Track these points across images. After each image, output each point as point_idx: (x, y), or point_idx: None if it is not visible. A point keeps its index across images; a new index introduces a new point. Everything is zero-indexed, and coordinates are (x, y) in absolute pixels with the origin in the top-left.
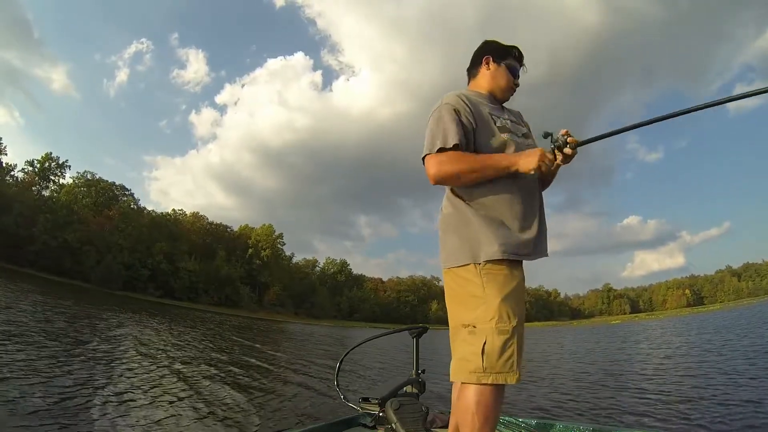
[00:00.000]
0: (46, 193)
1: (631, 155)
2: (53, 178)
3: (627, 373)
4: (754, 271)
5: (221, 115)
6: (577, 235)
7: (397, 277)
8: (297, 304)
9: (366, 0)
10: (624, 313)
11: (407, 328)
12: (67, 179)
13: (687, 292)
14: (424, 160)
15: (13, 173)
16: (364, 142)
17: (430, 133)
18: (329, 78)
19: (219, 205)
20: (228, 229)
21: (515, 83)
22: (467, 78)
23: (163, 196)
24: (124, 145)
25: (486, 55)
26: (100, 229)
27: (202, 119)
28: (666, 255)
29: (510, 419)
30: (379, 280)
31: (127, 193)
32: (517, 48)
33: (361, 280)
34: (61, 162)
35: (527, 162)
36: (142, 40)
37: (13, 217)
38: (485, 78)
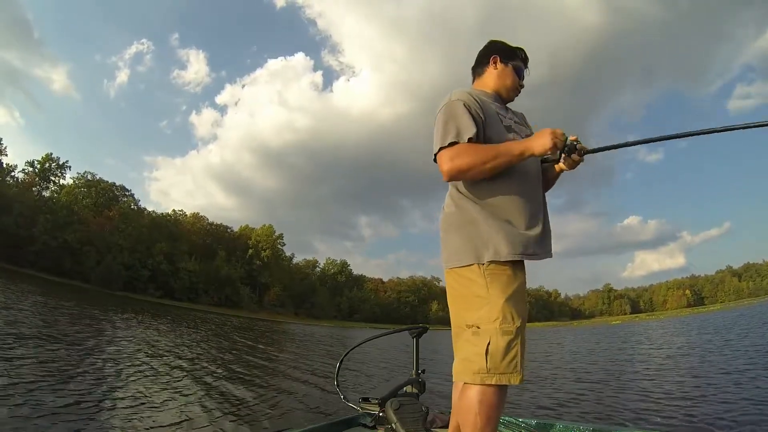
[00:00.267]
0: (46, 193)
1: (632, 155)
2: (53, 178)
3: (627, 373)
4: (754, 272)
5: (222, 115)
6: (578, 236)
7: (398, 277)
8: (297, 304)
9: (366, 0)
10: (624, 314)
11: (407, 328)
12: (67, 180)
13: (687, 292)
14: (435, 157)
15: (13, 174)
16: (365, 143)
17: (442, 128)
18: (330, 78)
19: (219, 205)
20: (228, 230)
21: (520, 84)
22: (472, 76)
23: (164, 197)
24: (125, 146)
25: (493, 54)
26: (100, 230)
27: (203, 120)
28: (666, 255)
29: (510, 419)
30: (380, 280)
31: (127, 193)
32: (523, 50)
33: (361, 280)
34: (61, 162)
35: (541, 143)
36: (143, 40)
37: (13, 217)
38: (492, 77)
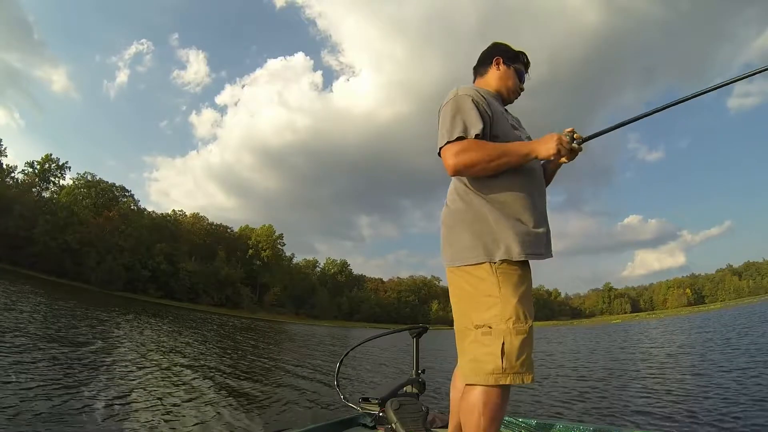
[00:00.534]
0: (46, 194)
1: (632, 154)
2: (53, 179)
3: (628, 373)
4: (755, 270)
5: (221, 115)
6: (578, 235)
7: (398, 277)
8: (297, 304)
9: (366, 0)
10: (625, 313)
11: (407, 328)
12: (67, 180)
13: (688, 291)
14: (440, 151)
15: (13, 175)
16: (365, 143)
17: (450, 122)
18: (330, 78)
19: (219, 205)
20: (228, 230)
21: (521, 87)
22: (473, 76)
23: (164, 197)
24: (125, 146)
25: (497, 56)
26: (100, 231)
27: (203, 120)
28: (667, 254)
29: (510, 419)
30: (380, 280)
31: (127, 194)
32: (525, 54)
33: (361, 280)
34: (61, 163)
35: (547, 147)
36: (143, 40)
37: (13, 218)
38: (494, 78)
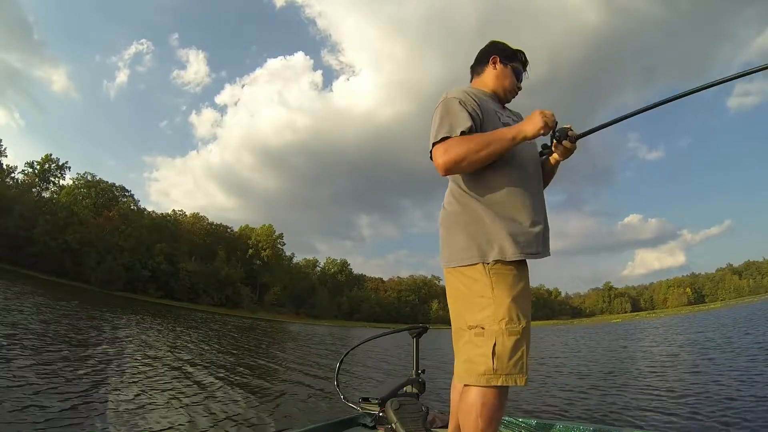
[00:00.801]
0: (46, 194)
1: (632, 154)
2: (53, 179)
3: (628, 372)
4: (755, 269)
5: (221, 115)
6: (578, 234)
7: (398, 276)
8: (297, 304)
9: (366, 0)
10: (625, 312)
11: (407, 328)
12: (67, 180)
13: (688, 290)
14: (431, 153)
15: (13, 175)
16: (365, 143)
17: (437, 124)
18: (330, 78)
19: (219, 205)
20: (228, 230)
21: (518, 86)
22: (470, 75)
23: (164, 197)
24: (125, 146)
25: (493, 54)
26: (100, 231)
27: (203, 120)
28: (667, 253)
29: (510, 419)
30: (380, 280)
31: (127, 194)
32: (523, 53)
33: (361, 280)
34: (61, 163)
35: (533, 124)
36: (142, 40)
37: (13, 218)
38: (490, 77)
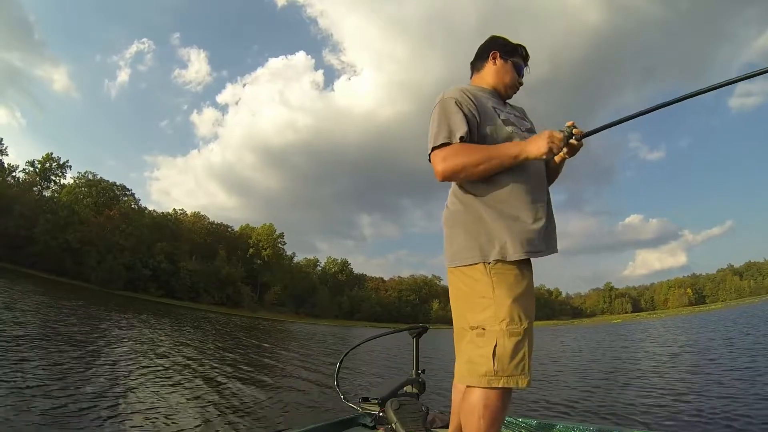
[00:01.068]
0: (47, 193)
1: (633, 154)
2: (54, 178)
3: (629, 372)
4: (756, 270)
5: (223, 114)
6: (579, 234)
7: (399, 276)
8: (298, 303)
9: (367, 0)
10: (625, 312)
11: (407, 328)
12: (68, 179)
13: (689, 291)
14: (429, 157)
15: (14, 174)
16: (366, 142)
17: (434, 128)
18: (331, 77)
19: (220, 205)
20: (229, 229)
21: (519, 82)
22: (471, 71)
23: (165, 196)
24: (126, 145)
25: (493, 50)
26: (101, 230)
27: (204, 119)
28: (668, 254)
29: (510, 419)
30: (381, 279)
31: (128, 193)
32: (524, 47)
33: (362, 279)
34: (61, 162)
35: (537, 146)
36: (144, 40)
37: (14, 217)
38: (490, 73)
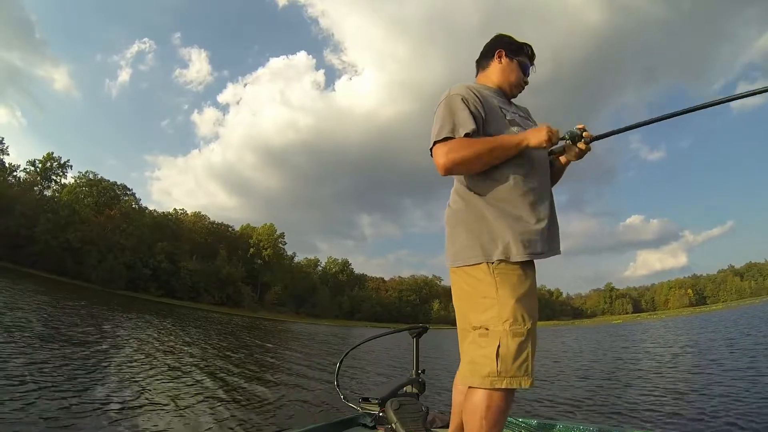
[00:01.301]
0: (47, 193)
1: (634, 154)
2: (55, 177)
3: (630, 373)
4: (756, 271)
5: (223, 114)
6: (580, 235)
7: (399, 276)
8: (298, 303)
9: None
10: (626, 313)
11: (407, 328)
12: (68, 179)
13: (689, 291)
14: (432, 151)
15: (15, 173)
16: (367, 142)
17: (438, 122)
18: (332, 77)
19: (221, 205)
20: (230, 229)
21: (525, 80)
22: (476, 70)
23: (165, 196)
24: (126, 145)
25: (499, 48)
26: (101, 229)
27: (205, 119)
28: (669, 254)
29: (510, 419)
30: (381, 279)
31: (128, 192)
32: (530, 46)
33: (362, 279)
34: (62, 162)
35: (537, 136)
36: (144, 39)
37: (14, 217)
38: (496, 72)
